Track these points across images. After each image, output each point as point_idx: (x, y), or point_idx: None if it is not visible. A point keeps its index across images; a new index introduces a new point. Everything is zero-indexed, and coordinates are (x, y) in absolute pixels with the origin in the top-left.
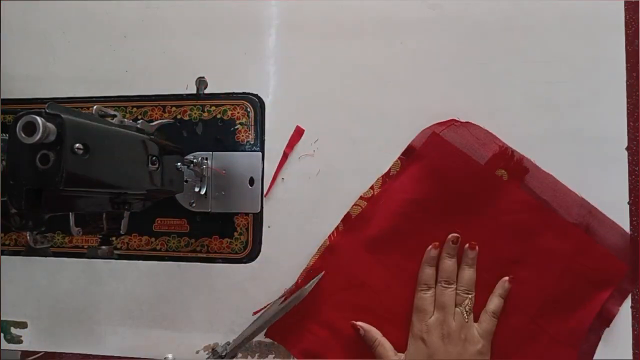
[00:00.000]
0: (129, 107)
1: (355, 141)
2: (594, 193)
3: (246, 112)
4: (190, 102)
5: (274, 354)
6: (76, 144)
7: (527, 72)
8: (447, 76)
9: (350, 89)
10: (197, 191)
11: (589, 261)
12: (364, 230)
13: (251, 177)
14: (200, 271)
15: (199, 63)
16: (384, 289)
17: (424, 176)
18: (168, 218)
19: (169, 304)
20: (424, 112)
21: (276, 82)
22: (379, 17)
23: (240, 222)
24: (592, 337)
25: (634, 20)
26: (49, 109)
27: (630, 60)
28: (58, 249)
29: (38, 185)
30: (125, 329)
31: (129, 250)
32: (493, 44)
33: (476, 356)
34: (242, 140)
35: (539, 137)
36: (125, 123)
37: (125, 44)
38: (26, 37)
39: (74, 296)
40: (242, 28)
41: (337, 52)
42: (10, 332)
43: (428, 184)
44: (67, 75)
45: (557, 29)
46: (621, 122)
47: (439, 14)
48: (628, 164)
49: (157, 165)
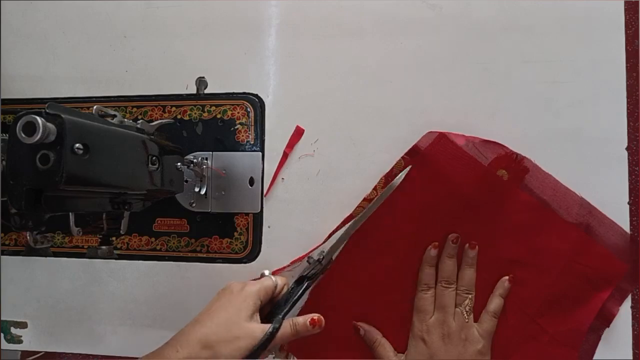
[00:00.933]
0: (129, 107)
1: (355, 141)
2: (594, 193)
3: (246, 112)
4: (190, 102)
5: (273, 354)
6: (76, 144)
7: (527, 72)
8: (447, 76)
9: (350, 89)
10: (197, 191)
11: (589, 261)
12: (368, 231)
13: (251, 177)
14: (200, 271)
15: (199, 63)
16: (385, 290)
17: (429, 177)
18: (168, 218)
19: (169, 304)
20: (424, 112)
21: (276, 82)
22: (379, 17)
23: (240, 222)
24: (592, 337)
25: (634, 20)
26: (49, 109)
27: (630, 60)
28: (58, 249)
29: (38, 185)
30: (125, 329)
31: (129, 250)
32: (493, 44)
33: (477, 356)
34: (242, 140)
35: (539, 137)
36: (125, 123)
37: (125, 44)
38: (26, 37)
39: (74, 296)
40: (242, 28)
41: (337, 52)
42: (10, 332)
43: (432, 185)
44: (67, 75)
45: (557, 29)
46: (621, 122)
47: (439, 14)
48: (628, 164)
49: (157, 165)
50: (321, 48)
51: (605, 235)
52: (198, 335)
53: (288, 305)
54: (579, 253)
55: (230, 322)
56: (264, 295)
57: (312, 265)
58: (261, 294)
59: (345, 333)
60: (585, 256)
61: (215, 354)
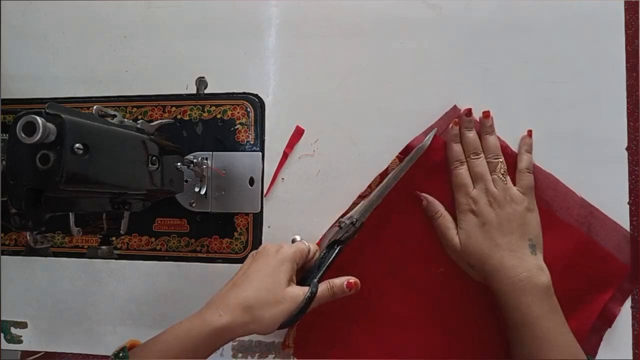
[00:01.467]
0: (129, 107)
1: (355, 141)
2: (594, 193)
3: (246, 112)
4: (190, 102)
5: (273, 354)
6: (76, 144)
7: (527, 72)
8: (447, 76)
9: (350, 89)
10: (197, 191)
11: (590, 262)
12: (367, 232)
13: (251, 177)
14: (200, 271)
15: (199, 63)
16: (385, 290)
17: (425, 177)
18: (168, 218)
19: (169, 304)
20: (424, 112)
21: (276, 82)
22: (379, 17)
23: (240, 222)
24: (594, 337)
25: (634, 20)
26: (49, 109)
27: (630, 60)
28: (58, 249)
29: (38, 185)
30: (125, 329)
31: (129, 250)
32: (493, 44)
33: (526, 213)
34: (242, 140)
35: (539, 137)
36: (125, 123)
37: (125, 44)
38: (26, 37)
39: (74, 296)
40: (242, 28)
41: (337, 52)
42: (10, 332)
43: (429, 184)
44: (67, 75)
45: (557, 29)
46: (621, 122)
47: (439, 14)
48: (628, 164)
49: (157, 165)
50: (321, 48)
51: (607, 236)
52: (239, 300)
53: (322, 269)
54: (580, 254)
55: (271, 286)
56: (299, 258)
57: (345, 229)
58: (297, 257)
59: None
60: (586, 257)
61: (257, 318)
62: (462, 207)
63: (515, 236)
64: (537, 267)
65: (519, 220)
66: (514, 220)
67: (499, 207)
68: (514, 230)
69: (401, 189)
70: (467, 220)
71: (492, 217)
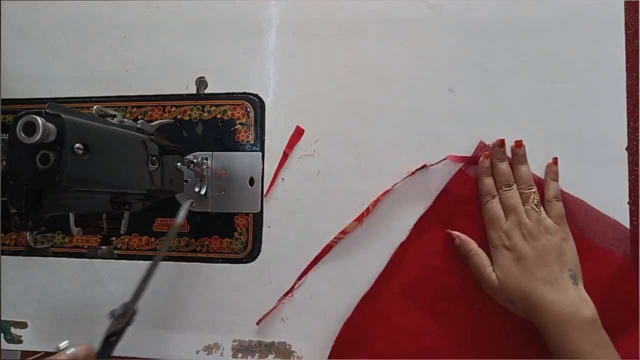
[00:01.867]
0: (129, 107)
1: (355, 141)
2: (594, 193)
3: (246, 112)
4: (190, 102)
5: (274, 354)
6: (76, 144)
7: (527, 72)
8: (447, 76)
9: (350, 89)
10: (197, 191)
11: (629, 286)
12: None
13: (251, 177)
14: (200, 271)
15: (199, 63)
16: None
17: (454, 214)
18: (168, 218)
19: (169, 304)
20: (424, 113)
21: (276, 82)
22: (379, 17)
23: (240, 222)
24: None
25: (634, 20)
26: (49, 109)
27: (630, 60)
28: (58, 249)
29: (38, 185)
30: None
31: (129, 250)
32: (493, 44)
33: (562, 243)
34: (242, 140)
35: (539, 137)
36: (125, 123)
37: (125, 44)
38: (26, 37)
39: (74, 296)
40: (242, 28)
41: (337, 52)
42: (10, 332)
43: (459, 221)
44: (67, 75)
45: (558, 29)
46: (621, 122)
47: (439, 14)
48: (628, 164)
49: (157, 165)
50: (321, 48)
51: None
52: None
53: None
54: (618, 279)
55: None
56: None
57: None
58: None
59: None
60: (624, 281)
61: None
62: (495, 242)
63: (554, 268)
64: (580, 299)
65: (555, 251)
66: (551, 252)
67: (533, 240)
68: (552, 262)
69: (431, 230)
70: (502, 256)
71: (526, 251)
